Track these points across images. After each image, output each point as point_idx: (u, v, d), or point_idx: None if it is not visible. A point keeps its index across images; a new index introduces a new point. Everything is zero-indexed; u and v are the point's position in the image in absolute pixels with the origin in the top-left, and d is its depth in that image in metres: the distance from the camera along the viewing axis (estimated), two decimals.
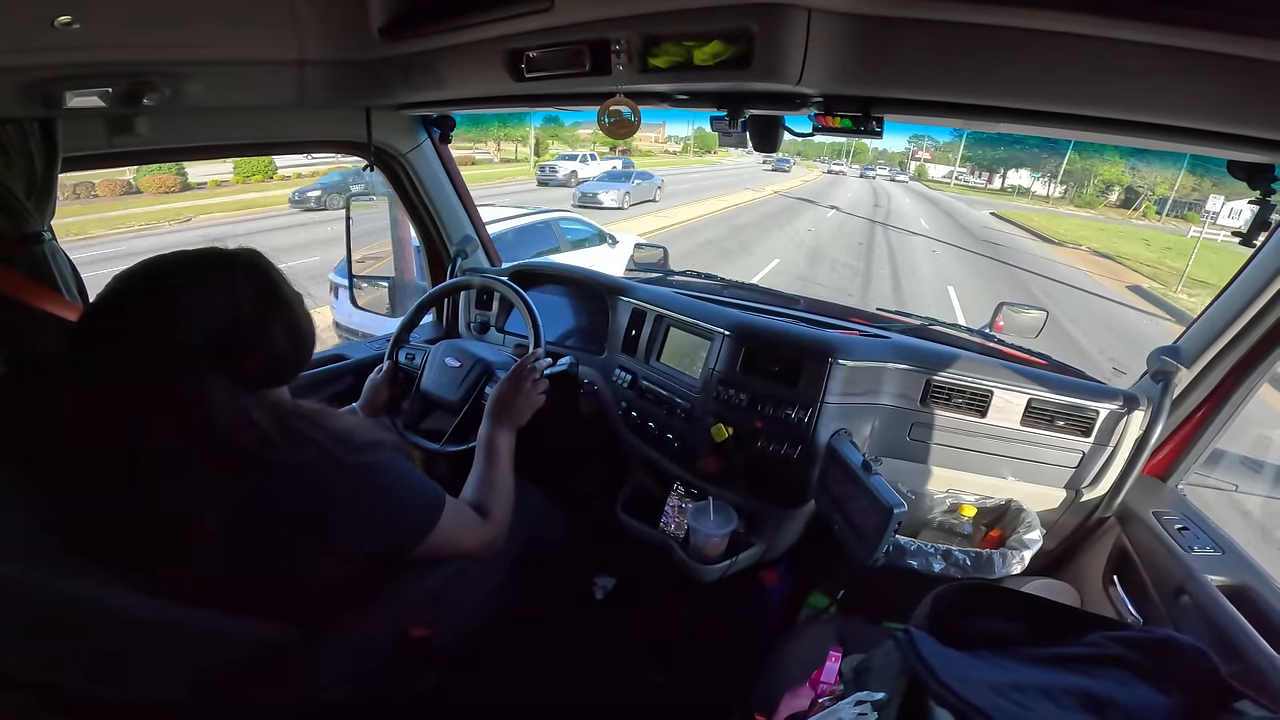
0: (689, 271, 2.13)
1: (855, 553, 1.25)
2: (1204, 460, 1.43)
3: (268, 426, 0.79)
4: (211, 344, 0.76)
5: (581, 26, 1.02)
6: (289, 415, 0.84)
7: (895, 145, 75.61)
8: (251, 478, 0.78)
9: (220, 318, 0.78)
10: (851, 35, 0.85)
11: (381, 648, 1.01)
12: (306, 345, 0.90)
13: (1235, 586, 1.12)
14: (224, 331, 0.78)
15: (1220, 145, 0.91)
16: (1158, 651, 0.72)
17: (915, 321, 1.82)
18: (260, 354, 0.81)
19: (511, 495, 1.18)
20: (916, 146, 62.49)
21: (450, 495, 1.01)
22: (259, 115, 1.52)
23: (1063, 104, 0.89)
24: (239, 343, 0.79)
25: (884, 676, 0.76)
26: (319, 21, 1.19)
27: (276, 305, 0.84)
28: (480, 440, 1.24)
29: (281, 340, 0.84)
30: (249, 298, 0.81)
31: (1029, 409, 1.44)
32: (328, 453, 0.82)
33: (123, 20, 0.97)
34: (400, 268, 2.19)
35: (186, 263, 0.81)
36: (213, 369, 0.76)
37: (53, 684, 0.70)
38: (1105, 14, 0.71)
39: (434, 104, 1.64)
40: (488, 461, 1.20)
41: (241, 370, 0.79)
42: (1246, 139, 0.87)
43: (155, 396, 0.74)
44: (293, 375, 0.89)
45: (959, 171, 55.29)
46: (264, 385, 0.85)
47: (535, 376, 1.35)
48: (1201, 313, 1.32)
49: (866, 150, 70.85)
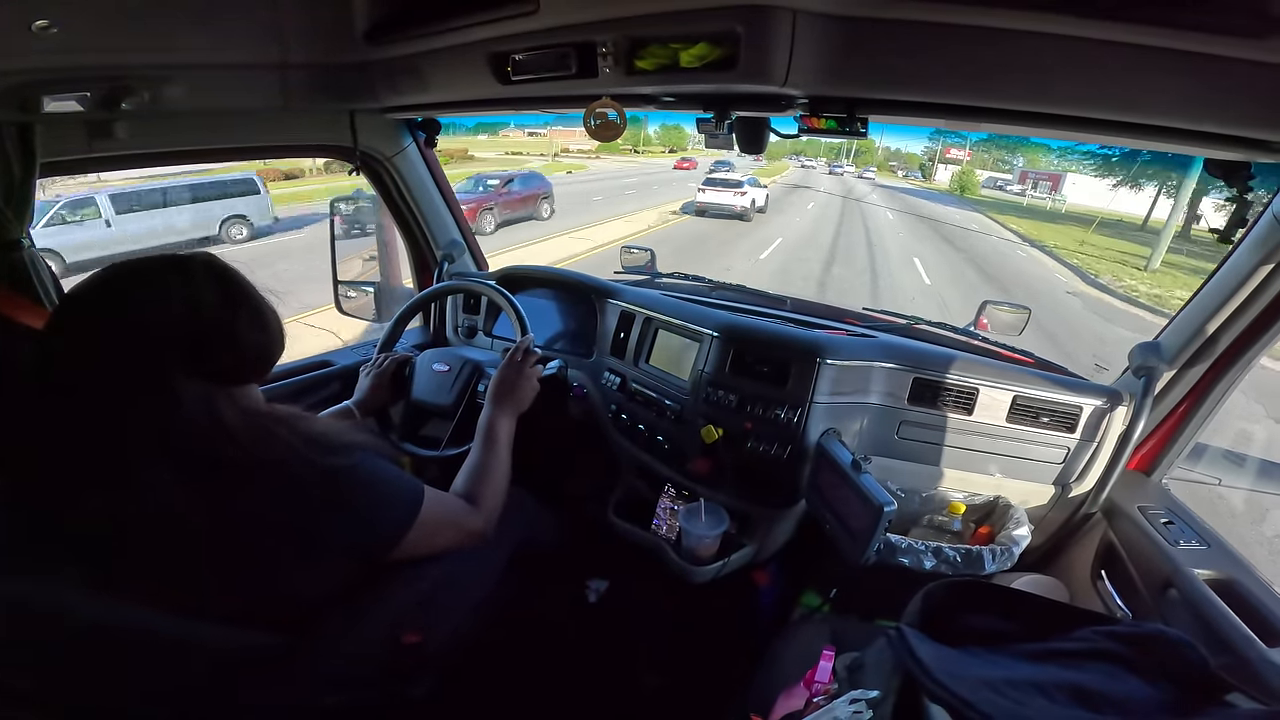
0: (676, 273, 2.13)
1: (847, 551, 1.25)
2: (1186, 454, 1.45)
3: (237, 424, 0.78)
4: (176, 341, 0.76)
5: (567, 29, 1.03)
6: (260, 415, 0.83)
7: (881, 142, 71.59)
8: (224, 479, 0.77)
9: (182, 315, 0.77)
10: (836, 36, 0.86)
11: (372, 654, 1.00)
12: (274, 339, 0.89)
13: (1222, 580, 1.13)
14: (188, 328, 0.77)
15: (1197, 144, 0.93)
16: (1147, 645, 0.73)
17: (901, 321, 1.84)
18: (227, 348, 0.81)
19: (506, 483, 1.16)
20: (946, 144, 52.19)
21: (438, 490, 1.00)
22: (241, 119, 1.50)
23: (1043, 104, 0.90)
24: (204, 339, 0.78)
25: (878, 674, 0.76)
26: (302, 24, 1.18)
27: (239, 301, 0.84)
28: (480, 426, 1.23)
29: (247, 333, 0.83)
30: (209, 295, 0.80)
31: (1014, 406, 1.46)
32: (300, 454, 0.81)
33: (101, 23, 0.96)
34: (386, 273, 2.17)
35: (144, 267, 0.80)
36: (178, 366, 0.76)
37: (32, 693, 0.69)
38: (1084, 14, 0.72)
39: (419, 107, 1.62)
40: (485, 447, 1.19)
41: (209, 366, 0.78)
42: (1222, 137, 0.88)
43: (121, 396, 0.73)
44: (263, 371, 0.88)
45: (1003, 179, 46.29)
46: (233, 381, 0.84)
47: (533, 360, 1.35)
48: (1181, 309, 1.34)
49: (873, 149, 65.57)
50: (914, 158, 69.84)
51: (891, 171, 63.36)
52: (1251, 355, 1.27)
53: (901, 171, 60.97)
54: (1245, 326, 1.24)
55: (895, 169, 66.23)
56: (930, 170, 56.68)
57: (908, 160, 70.40)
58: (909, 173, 59.09)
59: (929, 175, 55.58)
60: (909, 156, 71.93)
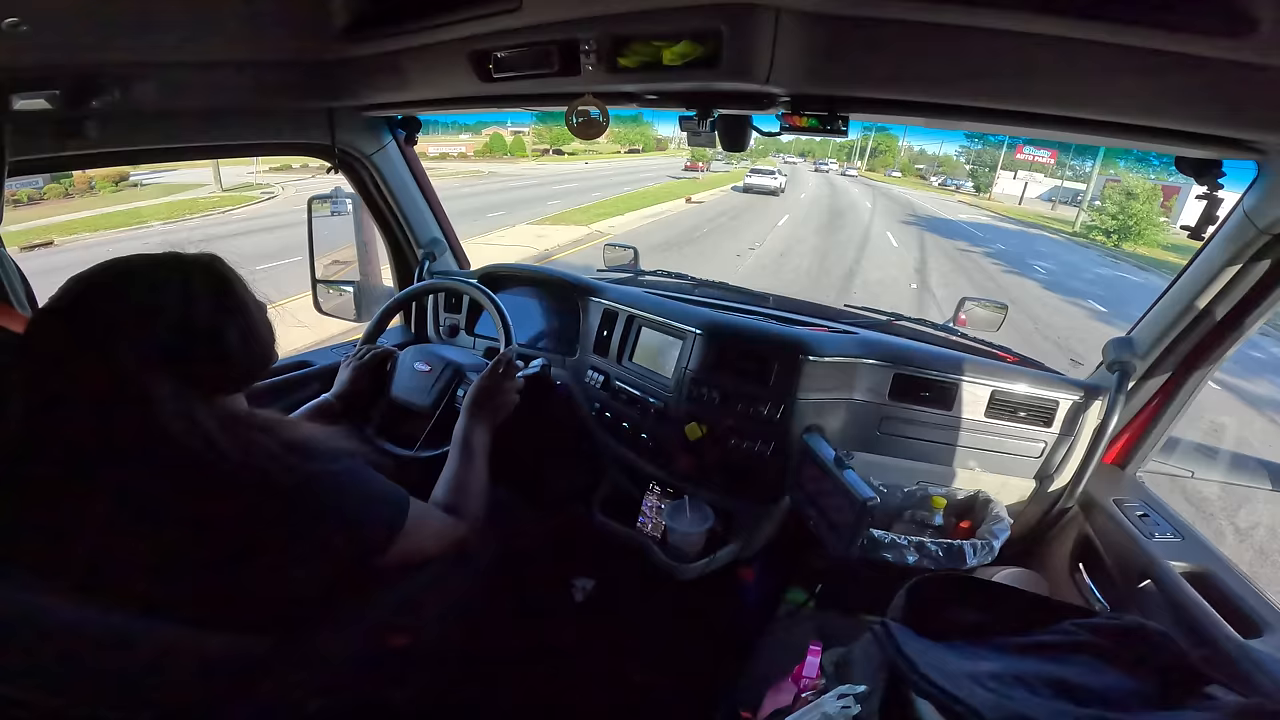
0: (660, 271, 2.13)
1: (831, 547, 1.26)
2: (1160, 448, 1.48)
3: (215, 432, 0.77)
4: (163, 347, 0.75)
5: (550, 27, 1.02)
6: (241, 423, 0.82)
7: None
8: (208, 488, 0.76)
9: (173, 321, 0.76)
10: (819, 35, 0.86)
11: (358, 657, 1.00)
12: (264, 352, 0.88)
13: (1197, 572, 1.15)
14: (176, 335, 0.76)
15: (1171, 142, 0.95)
16: (1126, 638, 0.74)
17: (882, 317, 1.85)
18: (213, 359, 0.80)
19: (485, 493, 1.16)
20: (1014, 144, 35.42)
21: (419, 500, 0.99)
22: (216, 117, 1.47)
23: (1021, 102, 0.92)
24: (191, 347, 0.77)
25: (865, 669, 0.77)
26: (278, 21, 1.16)
27: (232, 310, 0.83)
28: (456, 437, 1.22)
29: (236, 346, 0.82)
30: (204, 302, 0.79)
31: (992, 401, 1.48)
32: (282, 461, 0.80)
33: (72, 22, 0.94)
34: (366, 271, 2.14)
35: (143, 266, 0.79)
36: (162, 372, 0.74)
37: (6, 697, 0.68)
38: (1062, 13, 0.73)
39: (399, 105, 1.61)
40: (463, 458, 1.18)
41: (193, 375, 0.77)
42: (1193, 135, 0.90)
43: (103, 399, 0.72)
44: (249, 383, 0.88)
45: (1076, 190, 31.89)
46: (217, 391, 0.83)
47: (513, 373, 1.34)
48: (1154, 304, 1.37)
49: (895, 151, 56.82)
50: (953, 162, 54.56)
51: (921, 179, 51.23)
52: (1224, 350, 1.29)
53: (937, 180, 47.16)
54: (1217, 321, 1.27)
55: (925, 175, 53.06)
56: (987, 180, 40.98)
57: (945, 165, 55.48)
58: (949, 181, 44.75)
59: (984, 188, 40.73)
60: (947, 161, 56.79)
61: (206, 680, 0.81)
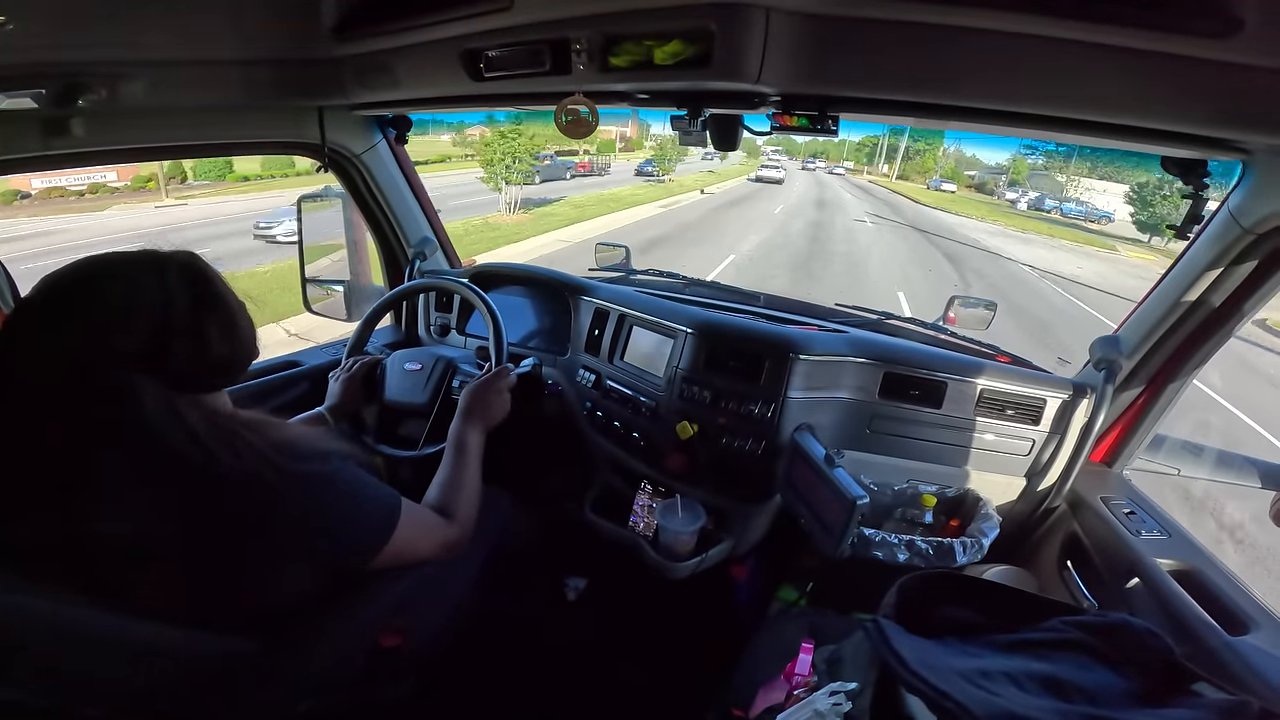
0: (651, 270, 2.13)
1: (822, 545, 1.27)
2: (1146, 446, 1.49)
3: (201, 430, 0.76)
4: (142, 344, 0.74)
5: (541, 26, 1.02)
6: (226, 422, 0.81)
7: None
8: (192, 487, 0.75)
9: (152, 317, 0.76)
10: (809, 34, 0.87)
11: (350, 658, 0.99)
12: (245, 349, 0.88)
13: (1183, 570, 1.16)
14: (155, 331, 0.76)
15: (1157, 142, 0.96)
16: (1114, 635, 0.74)
17: (872, 316, 1.86)
18: (194, 355, 0.79)
19: (478, 495, 1.16)
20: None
21: (412, 501, 0.99)
22: (205, 116, 1.46)
23: (1010, 102, 0.92)
24: (171, 343, 0.76)
25: (856, 667, 0.77)
26: (267, 19, 1.15)
27: (211, 306, 0.82)
28: (450, 438, 1.22)
29: (217, 342, 0.81)
30: (182, 299, 0.79)
31: (981, 399, 1.49)
32: (270, 462, 0.79)
33: (58, 20, 0.93)
34: (356, 271, 2.13)
35: (120, 263, 0.79)
36: (143, 369, 0.74)
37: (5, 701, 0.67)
38: (1050, 13, 0.74)
39: (390, 104, 1.60)
40: (456, 460, 1.18)
41: (173, 372, 0.77)
42: (1179, 135, 0.91)
43: (83, 397, 0.71)
44: (230, 379, 0.87)
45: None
46: (198, 389, 0.82)
47: (511, 384, 1.36)
48: (1140, 303, 1.38)
49: (937, 153, 47.83)
50: (1025, 166, 41.77)
51: (986, 196, 39.32)
52: (1209, 348, 1.31)
53: (1026, 201, 35.15)
54: (1202, 320, 1.28)
55: (992, 190, 41.15)
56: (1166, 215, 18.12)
57: (1016, 172, 41.96)
58: (1067, 207, 32.05)
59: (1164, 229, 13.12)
60: (1020, 166, 42.42)
61: (195, 679, 0.81)
